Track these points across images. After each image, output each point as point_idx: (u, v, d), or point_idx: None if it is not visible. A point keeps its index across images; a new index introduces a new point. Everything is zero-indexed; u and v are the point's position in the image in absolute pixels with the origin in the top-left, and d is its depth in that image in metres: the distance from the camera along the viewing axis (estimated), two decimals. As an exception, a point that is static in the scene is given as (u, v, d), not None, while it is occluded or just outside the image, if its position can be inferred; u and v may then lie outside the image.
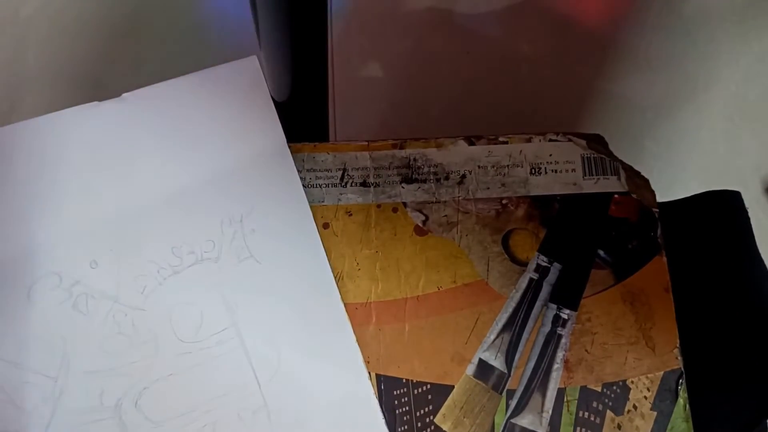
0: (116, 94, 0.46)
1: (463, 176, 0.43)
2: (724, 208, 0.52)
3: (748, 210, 0.52)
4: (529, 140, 0.44)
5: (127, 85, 0.47)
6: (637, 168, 0.43)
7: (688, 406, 0.39)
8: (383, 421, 0.38)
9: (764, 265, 0.50)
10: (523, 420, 0.39)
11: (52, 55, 1.06)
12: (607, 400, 0.39)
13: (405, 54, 1.04)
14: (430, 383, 0.39)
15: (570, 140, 0.43)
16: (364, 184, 0.43)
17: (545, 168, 0.43)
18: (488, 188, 0.43)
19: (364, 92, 1.03)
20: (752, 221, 0.51)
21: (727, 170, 0.99)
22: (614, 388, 0.39)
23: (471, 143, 0.43)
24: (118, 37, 1.06)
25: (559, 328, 0.40)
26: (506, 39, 1.06)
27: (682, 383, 0.39)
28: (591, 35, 1.06)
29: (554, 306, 0.41)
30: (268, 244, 0.40)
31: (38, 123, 0.41)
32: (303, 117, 0.66)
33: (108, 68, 1.04)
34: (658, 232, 0.42)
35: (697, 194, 0.52)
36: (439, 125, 0.97)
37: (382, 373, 0.39)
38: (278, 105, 0.66)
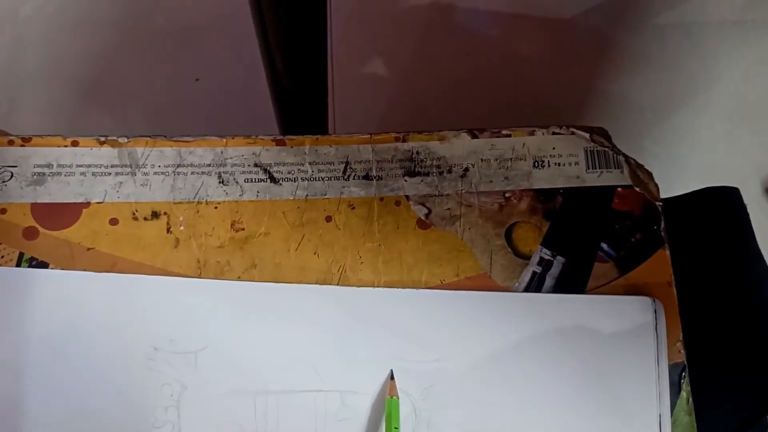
0: (117, 94, 0.45)
1: (466, 169, 0.43)
2: (723, 204, 0.52)
3: (748, 211, 0.52)
4: (532, 133, 0.43)
5: (126, 85, 0.46)
6: (637, 167, 0.43)
7: (691, 399, 0.39)
8: None
9: (764, 261, 0.50)
10: (527, 413, 0.39)
11: (51, 55, 1.06)
12: (610, 394, 0.39)
13: (405, 54, 1.04)
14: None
15: (573, 133, 0.43)
16: (366, 177, 0.42)
17: (548, 161, 0.43)
18: (491, 181, 0.42)
19: (364, 92, 1.03)
20: (752, 222, 0.51)
21: (726, 170, 0.99)
22: (618, 381, 0.39)
23: (474, 136, 0.43)
24: (118, 37, 1.06)
25: (563, 322, 0.40)
26: (506, 39, 1.06)
27: (685, 377, 0.39)
28: (591, 35, 1.06)
29: (557, 299, 0.40)
30: None
31: None
32: (303, 113, 0.66)
33: (108, 68, 1.04)
34: (662, 225, 0.42)
35: (696, 190, 0.52)
36: (439, 126, 0.97)
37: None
38: (279, 100, 0.66)
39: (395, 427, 0.36)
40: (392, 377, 0.39)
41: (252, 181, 0.42)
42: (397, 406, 0.37)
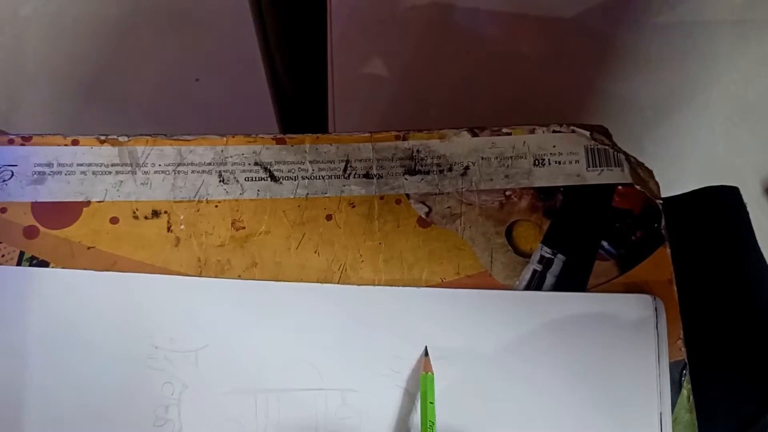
0: (117, 94, 0.45)
1: (467, 168, 0.43)
2: (722, 204, 0.52)
3: (748, 210, 0.52)
4: (532, 131, 0.43)
5: (126, 85, 0.46)
6: (636, 167, 0.43)
7: (692, 397, 0.39)
8: None
9: (763, 260, 0.50)
10: (528, 411, 0.39)
11: (51, 55, 1.06)
12: (611, 392, 0.39)
13: (405, 53, 1.04)
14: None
15: (574, 131, 0.43)
16: (367, 175, 0.42)
17: (549, 159, 0.43)
18: (491, 180, 0.43)
19: (364, 92, 1.03)
20: (752, 222, 0.51)
21: (726, 170, 0.99)
22: (618, 379, 0.39)
23: (474, 135, 0.43)
24: (118, 37, 1.06)
25: (563, 320, 0.40)
26: (506, 39, 1.06)
27: (685, 374, 0.39)
28: (591, 35, 1.06)
29: (558, 297, 0.40)
30: None
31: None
32: (303, 112, 0.66)
33: (108, 68, 1.04)
34: (662, 223, 0.42)
35: (696, 189, 0.52)
36: (439, 125, 0.97)
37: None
38: (279, 100, 0.66)
39: (430, 402, 0.37)
40: (426, 353, 0.39)
41: (252, 180, 0.42)
42: (432, 381, 0.37)
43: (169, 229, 0.41)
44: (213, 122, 0.98)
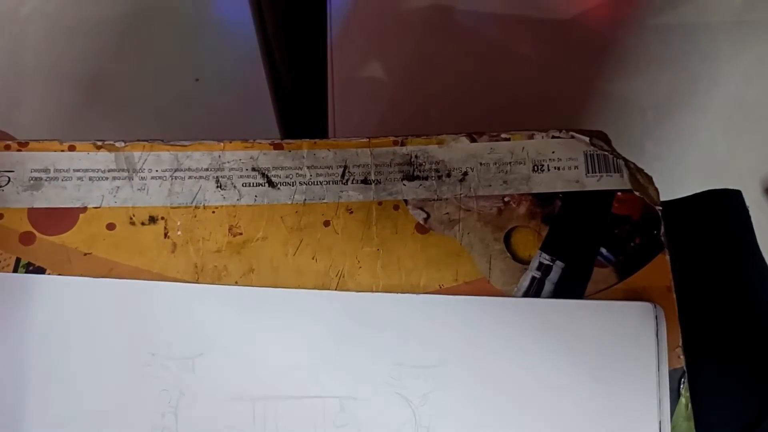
0: (116, 94, 0.45)
1: (465, 173, 0.43)
2: (724, 207, 0.52)
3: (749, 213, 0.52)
4: (531, 137, 0.43)
5: (126, 85, 0.46)
6: (636, 168, 0.43)
7: (690, 405, 0.39)
8: None
9: (765, 264, 0.50)
10: (526, 419, 0.39)
11: (51, 54, 1.06)
12: (609, 399, 0.39)
13: (405, 54, 1.04)
14: (432, 382, 0.39)
15: (573, 137, 0.43)
16: (365, 181, 0.42)
17: (548, 165, 0.43)
18: (490, 185, 0.42)
19: (364, 93, 1.03)
20: (753, 224, 0.51)
21: (726, 171, 0.99)
22: (617, 386, 0.39)
23: (473, 140, 0.43)
24: (118, 37, 1.06)
25: (562, 327, 0.40)
26: (506, 39, 1.05)
27: (684, 382, 0.39)
28: (591, 35, 1.06)
29: (557, 304, 0.40)
30: None
31: None
32: (303, 113, 0.66)
33: (108, 68, 1.04)
34: (662, 230, 0.41)
35: (698, 193, 0.52)
36: (439, 127, 0.97)
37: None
38: (279, 101, 0.66)
39: None
40: None
41: (250, 186, 0.42)
42: None
43: (165, 235, 0.41)
44: (213, 123, 0.98)
